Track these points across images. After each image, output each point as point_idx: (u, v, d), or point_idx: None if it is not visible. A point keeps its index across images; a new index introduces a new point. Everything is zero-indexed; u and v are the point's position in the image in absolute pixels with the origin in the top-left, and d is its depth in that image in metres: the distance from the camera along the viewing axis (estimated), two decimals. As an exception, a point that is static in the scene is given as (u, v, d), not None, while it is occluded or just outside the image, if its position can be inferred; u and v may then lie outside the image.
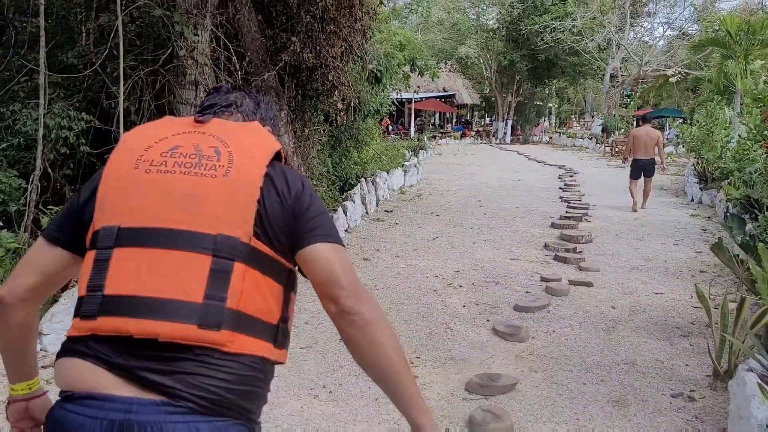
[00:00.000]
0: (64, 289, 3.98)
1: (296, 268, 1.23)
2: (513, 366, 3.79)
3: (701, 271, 6.10)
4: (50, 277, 1.22)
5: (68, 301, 3.84)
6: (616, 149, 21.15)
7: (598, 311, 4.86)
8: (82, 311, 1.09)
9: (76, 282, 1.21)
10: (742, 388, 2.78)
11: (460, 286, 5.54)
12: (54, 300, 3.84)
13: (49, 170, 5.55)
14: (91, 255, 1.12)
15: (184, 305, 1.06)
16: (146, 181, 1.14)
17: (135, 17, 5.79)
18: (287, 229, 1.17)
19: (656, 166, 9.82)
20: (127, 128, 5.66)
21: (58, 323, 3.75)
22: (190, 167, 1.15)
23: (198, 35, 6.14)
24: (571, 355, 3.98)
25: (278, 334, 1.17)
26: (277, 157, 1.24)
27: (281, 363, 1.20)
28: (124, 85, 5.47)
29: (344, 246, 1.24)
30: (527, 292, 5.36)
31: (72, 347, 1.10)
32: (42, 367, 3.55)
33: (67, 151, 5.69)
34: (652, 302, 5.11)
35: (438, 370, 3.71)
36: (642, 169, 9.68)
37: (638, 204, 9.70)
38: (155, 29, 6.13)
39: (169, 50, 5.99)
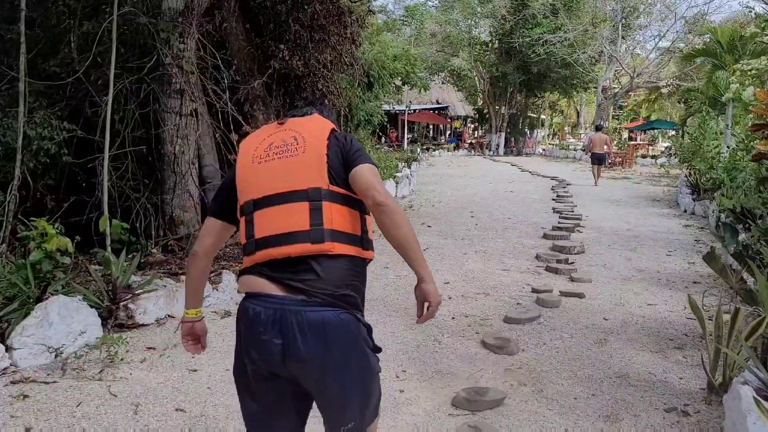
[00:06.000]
0: (38, 300, 3.85)
1: None
2: (502, 380, 3.67)
3: (694, 282, 6.01)
4: (219, 237, 1.95)
5: (40, 314, 3.68)
6: (609, 160, 21.23)
7: (590, 323, 4.76)
8: (246, 251, 1.77)
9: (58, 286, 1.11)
10: (738, 402, 2.67)
11: (450, 298, 5.43)
12: (26, 314, 3.69)
13: (30, 180, 5.42)
14: (243, 219, 1.81)
15: (300, 233, 1.71)
16: (260, 168, 1.82)
17: (120, 24, 5.68)
18: (343, 164, 1.80)
19: (606, 157, 16.21)
20: (113, 137, 5.54)
21: (29, 336, 3.59)
22: (282, 153, 1.81)
23: (184, 43, 6.05)
24: (561, 368, 3.87)
25: (363, 240, 1.81)
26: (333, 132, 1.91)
27: (371, 260, 1.85)
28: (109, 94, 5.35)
29: (376, 166, 1.88)
30: (518, 303, 5.25)
31: (246, 271, 1.78)
32: (11, 383, 3.41)
33: (48, 161, 5.56)
34: (645, 313, 5.01)
35: (424, 384, 3.59)
36: (596, 158, 15.45)
37: (597, 181, 15.22)
38: (140, 37, 6.03)
39: (155, 58, 5.90)
